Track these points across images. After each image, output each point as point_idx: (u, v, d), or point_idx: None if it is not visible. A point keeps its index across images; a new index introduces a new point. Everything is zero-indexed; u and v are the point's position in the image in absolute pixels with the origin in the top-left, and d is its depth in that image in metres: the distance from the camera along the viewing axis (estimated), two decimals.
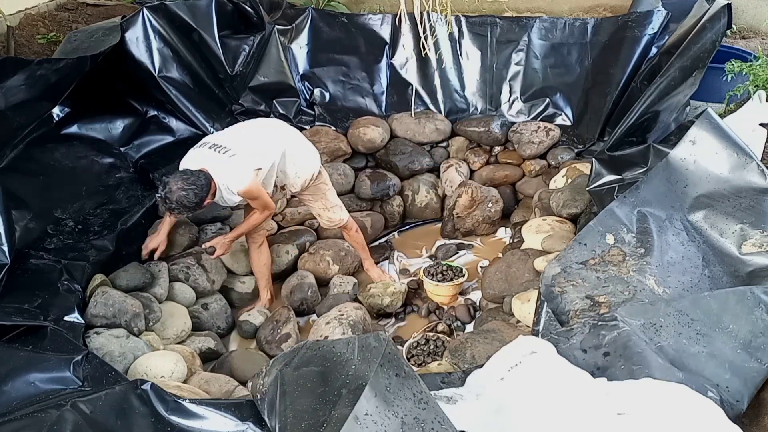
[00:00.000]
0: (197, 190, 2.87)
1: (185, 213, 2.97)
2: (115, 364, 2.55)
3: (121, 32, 3.76)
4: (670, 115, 3.29)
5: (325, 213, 3.60)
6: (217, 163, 3.00)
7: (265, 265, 3.60)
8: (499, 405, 1.88)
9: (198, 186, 2.88)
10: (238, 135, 3.22)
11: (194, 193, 2.86)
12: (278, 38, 4.53)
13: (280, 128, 3.42)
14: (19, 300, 2.56)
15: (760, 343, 1.94)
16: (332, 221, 3.62)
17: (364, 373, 1.68)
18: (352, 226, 3.71)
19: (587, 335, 2.05)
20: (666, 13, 4.29)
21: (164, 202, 2.88)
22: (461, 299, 3.70)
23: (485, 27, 4.65)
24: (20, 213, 2.99)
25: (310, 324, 3.53)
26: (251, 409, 1.96)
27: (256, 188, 3.08)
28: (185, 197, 2.84)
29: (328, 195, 3.56)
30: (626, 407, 1.76)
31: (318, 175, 3.45)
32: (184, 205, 2.86)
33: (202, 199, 2.91)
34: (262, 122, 3.50)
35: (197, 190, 2.87)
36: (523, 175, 4.50)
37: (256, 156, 3.12)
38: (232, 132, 3.29)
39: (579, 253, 2.53)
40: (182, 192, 2.83)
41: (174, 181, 2.86)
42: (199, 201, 2.90)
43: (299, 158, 3.33)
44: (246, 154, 3.07)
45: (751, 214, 2.41)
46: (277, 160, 3.21)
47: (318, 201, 3.56)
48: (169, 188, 2.85)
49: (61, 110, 3.60)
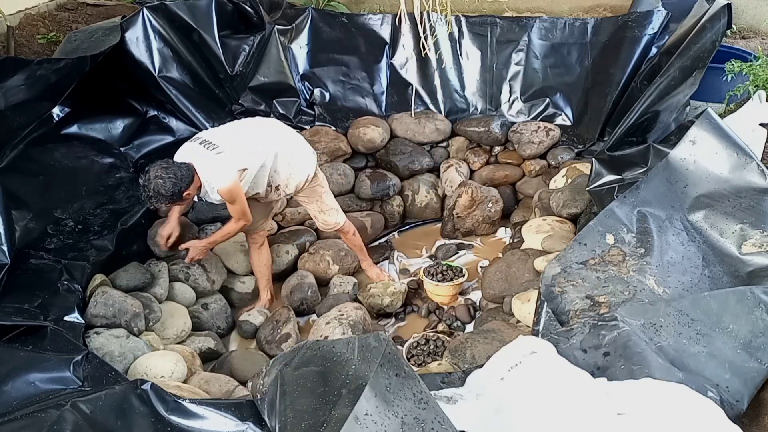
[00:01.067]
0: (175, 180, 2.85)
1: (162, 202, 2.92)
2: (115, 364, 2.56)
3: (121, 32, 3.76)
4: (670, 115, 3.29)
5: (321, 216, 3.58)
6: (203, 159, 2.99)
7: (266, 265, 3.60)
8: (499, 405, 1.88)
9: (177, 177, 2.86)
10: (231, 133, 3.20)
11: (172, 182, 2.84)
12: (278, 38, 4.53)
13: (275, 129, 3.38)
14: (19, 300, 2.56)
15: (760, 343, 1.94)
16: (328, 224, 3.61)
17: (364, 373, 1.68)
18: (349, 229, 3.69)
19: (587, 335, 2.05)
20: (666, 13, 4.29)
21: (143, 189, 2.87)
22: (461, 299, 3.70)
23: (485, 27, 4.65)
24: (20, 213, 2.99)
25: (310, 324, 3.53)
26: (251, 409, 1.96)
27: (236, 190, 3.02)
28: (162, 185, 2.82)
29: (324, 198, 3.54)
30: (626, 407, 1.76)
31: (313, 178, 3.41)
32: (160, 193, 2.84)
33: (180, 190, 2.88)
34: (259, 122, 3.46)
35: (175, 180, 2.85)
36: (523, 175, 4.50)
37: (243, 156, 3.08)
38: (225, 129, 3.26)
39: (579, 253, 2.53)
40: (159, 180, 2.82)
41: (154, 169, 2.86)
42: (177, 191, 2.87)
43: (293, 160, 3.29)
44: (233, 154, 3.04)
45: (751, 214, 2.41)
46: (270, 160, 3.18)
47: (314, 203, 3.54)
48: (148, 176, 2.85)
49: (61, 110, 3.59)
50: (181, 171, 2.89)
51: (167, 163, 2.91)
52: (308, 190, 3.46)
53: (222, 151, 3.02)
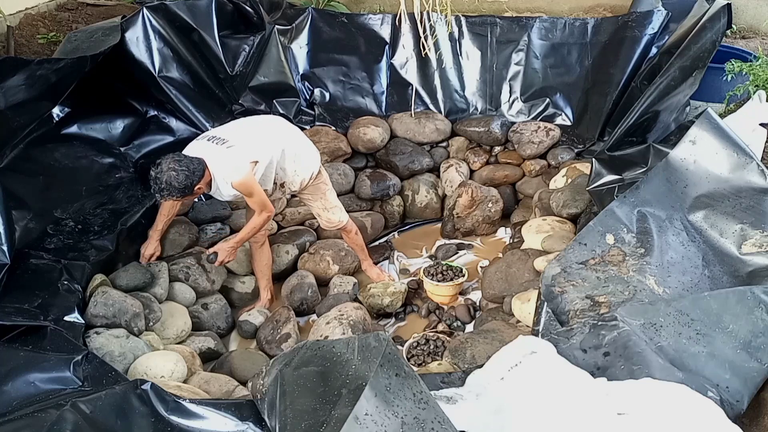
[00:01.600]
0: (188, 173, 2.85)
1: (173, 195, 2.89)
2: (115, 364, 2.55)
3: (121, 32, 3.75)
4: (670, 115, 3.29)
5: (325, 214, 3.59)
6: (214, 154, 2.99)
7: (267, 264, 3.60)
8: (499, 405, 1.88)
9: (190, 170, 2.86)
10: (239, 129, 3.23)
11: (185, 174, 2.83)
12: (278, 38, 4.53)
13: (281, 125, 3.41)
14: (19, 300, 2.56)
15: (760, 343, 1.95)
16: (331, 222, 3.62)
17: (364, 373, 1.68)
18: (351, 228, 3.70)
19: (587, 335, 2.05)
20: (666, 13, 4.29)
21: (154, 182, 2.86)
22: (461, 299, 3.70)
23: (485, 27, 4.66)
24: (20, 213, 2.99)
25: (310, 324, 3.53)
26: (251, 409, 1.96)
27: (251, 182, 3.05)
28: (175, 178, 2.81)
29: (327, 195, 3.56)
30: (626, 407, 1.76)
31: (318, 175, 3.45)
32: (173, 185, 2.83)
33: (193, 183, 2.87)
34: (264, 118, 3.49)
35: (188, 173, 2.85)
36: (523, 175, 4.50)
37: (254, 149, 3.11)
38: (232, 126, 3.29)
39: (579, 253, 2.53)
40: (172, 173, 2.81)
41: (166, 161, 2.85)
42: (189, 184, 2.86)
43: (299, 156, 3.32)
44: (244, 146, 3.07)
45: (751, 214, 2.41)
46: (277, 156, 3.20)
47: (318, 201, 3.56)
48: (161, 168, 2.84)
49: (61, 110, 3.59)
50: (194, 164, 2.89)
51: (179, 157, 2.91)
52: (312, 187, 3.47)
53: (233, 145, 3.03)
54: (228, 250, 3.26)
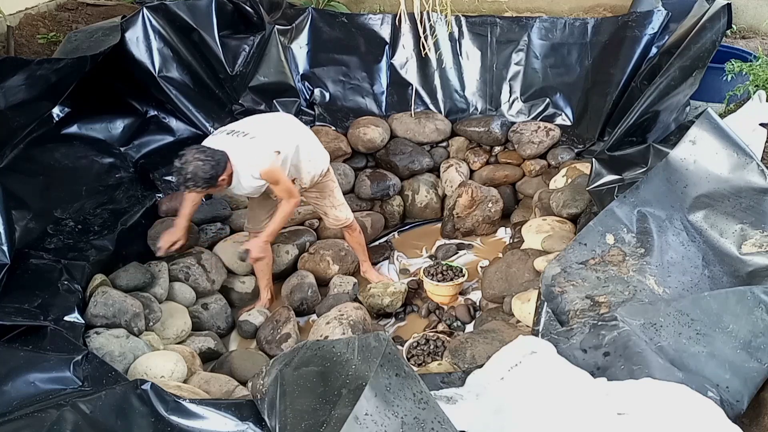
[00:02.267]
0: (214, 164, 2.85)
1: (198, 186, 2.87)
2: (115, 364, 2.56)
3: (121, 32, 3.76)
4: (670, 115, 3.29)
5: (332, 211, 3.60)
6: (236, 146, 2.99)
7: (267, 264, 3.60)
8: (499, 405, 1.88)
9: (215, 160, 2.86)
10: (257, 122, 3.25)
11: (211, 165, 2.83)
12: (278, 38, 4.53)
13: (294, 121, 3.46)
14: (19, 300, 2.56)
15: (760, 343, 1.94)
16: (339, 220, 3.62)
17: (364, 373, 1.68)
18: (356, 226, 3.72)
19: (587, 335, 2.05)
20: (666, 13, 4.29)
21: (179, 173, 2.84)
22: (461, 299, 3.70)
23: (485, 27, 4.66)
24: (20, 213, 2.99)
25: (310, 324, 3.53)
26: (251, 409, 1.96)
27: (277, 170, 3.07)
28: (201, 168, 2.80)
29: (335, 193, 3.58)
30: (626, 407, 1.76)
31: (326, 172, 3.48)
32: (198, 176, 2.81)
33: (217, 174, 2.87)
34: (277, 115, 3.54)
35: (214, 164, 2.85)
36: (523, 175, 4.50)
37: (276, 139, 3.13)
38: (249, 120, 3.29)
39: (579, 253, 2.53)
40: (199, 162, 2.81)
41: (191, 152, 2.85)
42: (214, 174, 2.86)
43: (311, 153, 3.34)
44: (267, 137, 3.09)
45: (751, 214, 2.40)
46: (292, 151, 3.22)
47: (326, 199, 3.57)
48: (186, 159, 2.82)
49: (61, 110, 3.59)
50: (218, 155, 2.89)
51: (203, 148, 2.91)
52: (321, 185, 3.49)
53: (255, 137, 3.06)
54: (260, 245, 3.27)
